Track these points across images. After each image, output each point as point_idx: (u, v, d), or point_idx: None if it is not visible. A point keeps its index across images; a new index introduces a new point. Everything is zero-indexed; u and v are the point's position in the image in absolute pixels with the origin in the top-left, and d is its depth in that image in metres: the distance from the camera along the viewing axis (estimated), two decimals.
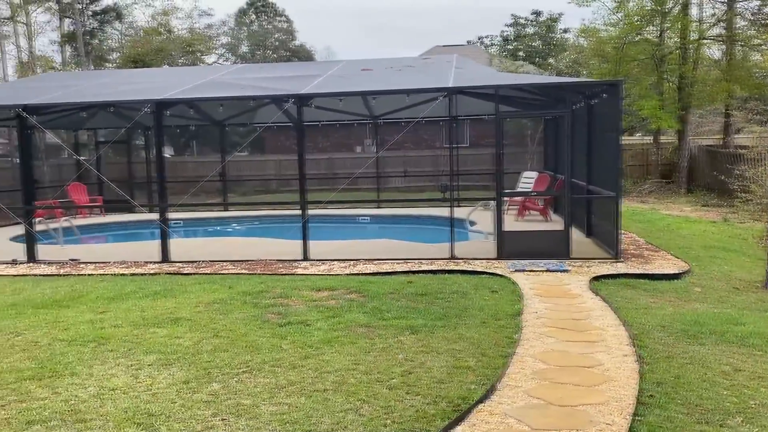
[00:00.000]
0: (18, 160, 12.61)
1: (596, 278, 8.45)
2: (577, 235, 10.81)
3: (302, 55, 41.57)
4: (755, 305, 7.24)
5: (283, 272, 9.03)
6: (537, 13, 45.11)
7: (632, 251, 10.44)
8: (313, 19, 75.24)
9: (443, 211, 11.83)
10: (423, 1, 78.20)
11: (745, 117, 25.46)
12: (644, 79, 24.37)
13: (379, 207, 17.13)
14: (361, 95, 11.92)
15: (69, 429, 3.94)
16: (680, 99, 24.09)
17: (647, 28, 25.22)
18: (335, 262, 9.78)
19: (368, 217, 16.33)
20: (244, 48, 42.48)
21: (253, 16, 45.12)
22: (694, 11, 24.43)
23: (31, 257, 10.52)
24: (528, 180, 15.78)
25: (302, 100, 10.03)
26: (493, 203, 10.48)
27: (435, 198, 11.22)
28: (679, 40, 24.43)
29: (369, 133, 24.51)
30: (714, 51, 25.95)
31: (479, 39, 49.31)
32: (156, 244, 10.45)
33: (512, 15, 45.88)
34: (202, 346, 5.47)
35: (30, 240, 10.64)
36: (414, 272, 8.92)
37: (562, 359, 5.02)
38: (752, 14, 24.22)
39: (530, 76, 20.93)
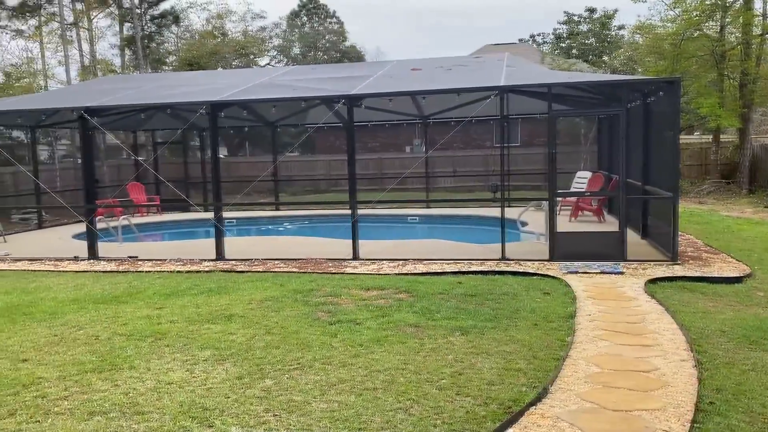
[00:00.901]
0: (80, 161, 13.11)
1: (652, 281, 8.22)
2: (632, 236, 10.55)
3: (352, 56, 41.86)
4: None
5: (333, 271, 9.11)
6: (591, 10, 44.24)
7: (690, 253, 10.13)
8: (364, 20, 75.64)
9: (494, 212, 11.74)
10: (474, 0, 77.62)
11: None
12: (703, 76, 23.61)
13: (428, 207, 17.10)
14: (410, 95, 11.92)
15: (128, 421, 4.07)
16: (742, 96, 23.20)
17: (707, 24, 24.41)
18: (384, 262, 9.81)
19: (417, 217, 16.33)
20: (295, 50, 43.05)
21: (305, 18, 45.68)
22: (757, 4, 23.54)
23: (92, 254, 10.92)
24: (581, 180, 15.49)
25: (352, 100, 10.10)
26: (545, 203, 10.34)
27: (485, 198, 11.12)
28: (741, 35, 23.54)
29: (418, 132, 24.50)
30: None
31: (531, 37, 48.66)
32: (210, 242, 10.70)
33: (565, 12, 45.12)
34: (254, 343, 5.58)
35: (91, 237, 11.05)
36: (464, 273, 8.87)
37: (616, 363, 4.91)
38: None
39: (583, 74, 20.52)
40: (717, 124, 23.01)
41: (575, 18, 45.06)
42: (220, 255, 10.41)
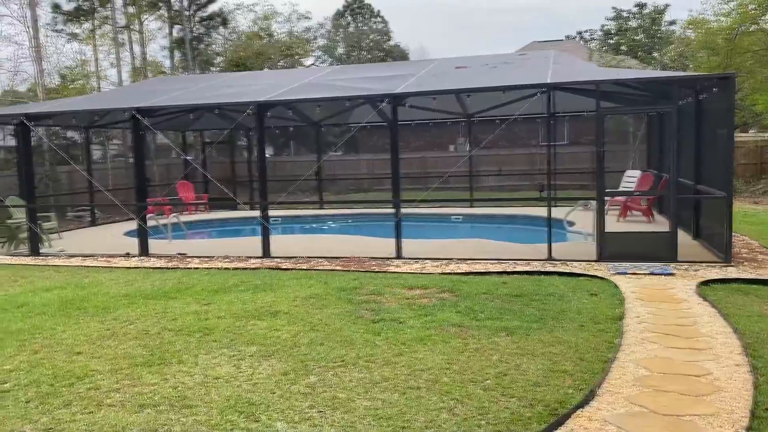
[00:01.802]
0: (131, 160, 13.48)
1: (704, 283, 7.98)
2: (683, 237, 10.26)
3: (396, 54, 41.89)
4: None
5: (376, 269, 9.13)
6: (641, 6, 43.17)
7: (744, 255, 9.79)
8: (408, 18, 75.56)
9: (539, 211, 11.58)
10: None
11: None
12: (759, 71, 22.80)
13: (472, 206, 16.95)
14: (455, 93, 11.84)
15: (177, 414, 4.16)
16: None
17: (763, 17, 23.56)
18: (428, 261, 9.78)
19: (461, 216, 16.23)
20: (340, 50, 43.33)
21: (349, 18, 45.94)
22: None
23: (143, 251, 11.21)
24: (630, 179, 15.15)
25: (396, 99, 10.11)
26: (592, 203, 10.14)
27: (531, 197, 10.97)
28: None
29: (462, 131, 24.33)
30: None
31: (578, 34, 47.79)
32: (256, 240, 10.86)
33: (614, 8, 44.15)
34: (299, 339, 5.64)
35: (142, 235, 11.35)
36: (508, 273, 8.77)
37: (667, 366, 4.78)
38: None
39: (633, 70, 20.07)
40: None
41: (624, 14, 44.05)
42: (266, 253, 10.56)
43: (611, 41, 44.51)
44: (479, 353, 5.10)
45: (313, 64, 40.38)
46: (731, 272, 8.56)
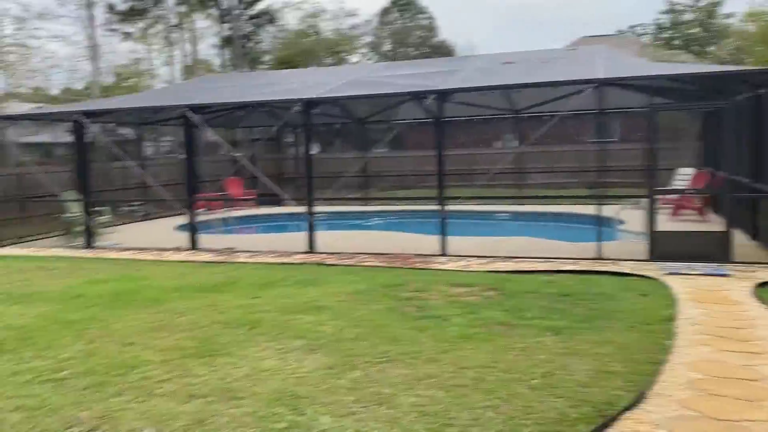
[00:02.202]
0: (182, 156, 13.80)
1: (761, 284, 7.70)
2: (740, 237, 9.91)
3: (443, 51, 41.72)
4: None
5: (421, 266, 9.12)
6: None
7: None
8: (455, 14, 75.07)
9: (588, 209, 11.37)
10: None
11: None
12: None
13: (519, 203, 16.73)
14: (502, 89, 11.71)
15: (225, 405, 4.25)
16: None
17: None
18: (472, 259, 9.72)
19: (507, 214, 16.07)
20: (386, 46, 43.39)
21: (396, 14, 45.96)
22: None
23: (193, 245, 11.47)
24: (684, 177, 14.74)
25: (443, 96, 10.07)
26: (644, 201, 9.90)
27: (580, 195, 10.79)
28: None
29: (510, 127, 24.07)
30: None
31: (630, 28, 46.69)
32: (302, 235, 10.98)
33: (669, 0, 42.96)
34: (344, 334, 5.68)
35: (192, 229, 11.62)
36: (555, 272, 8.64)
37: (720, 370, 4.63)
38: None
39: (686, 65, 19.46)
40: None
41: (679, 7, 42.84)
42: (311, 248, 10.67)
43: (664, 36, 43.35)
44: (525, 352, 5.04)
45: (359, 62, 40.57)
46: None
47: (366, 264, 9.42)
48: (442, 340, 5.40)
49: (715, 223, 11.76)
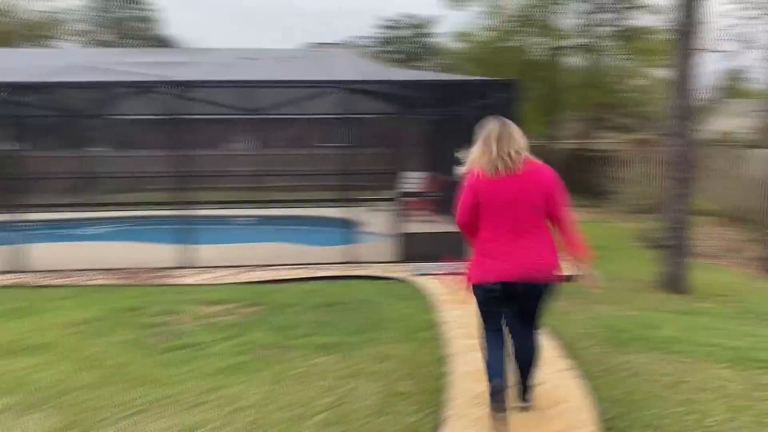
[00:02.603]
0: None
1: None
2: None
3: (172, 45, 39.16)
4: (657, 306, 7.31)
5: (165, 282, 8.00)
6: (412, 17, 45.64)
7: None
8: (184, 10, 71.46)
9: (335, 212, 11.24)
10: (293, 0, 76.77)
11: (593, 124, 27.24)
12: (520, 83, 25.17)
13: (267, 207, 16.03)
14: (252, 86, 10.88)
15: None
16: (550, 104, 25.15)
17: (519, 36, 26.15)
18: (223, 270, 8.87)
19: (254, 219, 15.35)
20: (104, 36, 39.29)
21: (115, 1, 41.89)
22: (561, 20, 25.57)
23: None
24: (414, 180, 15.57)
25: (184, 88, 9.01)
26: (390, 204, 10.06)
27: (330, 198, 10.60)
28: (548, 47, 25.53)
29: (251, 128, 23.34)
30: (579, 59, 27.40)
31: (356, 39, 49.18)
32: (7, 250, 8.95)
33: (387, 19, 46.02)
34: (74, 382, 4.46)
35: None
36: (313, 279, 8.25)
37: None
38: (610, 25, 25.72)
39: (431, 73, 20.79)
40: (530, 130, 24.68)
41: (395, 24, 46.17)
42: (18, 265, 8.73)
43: (387, 49, 46.49)
44: (304, 380, 4.45)
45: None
46: None
47: (95, 283, 7.95)
48: (204, 376, 4.54)
49: (449, 224, 12.55)
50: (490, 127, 3.75)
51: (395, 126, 9.29)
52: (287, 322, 5.84)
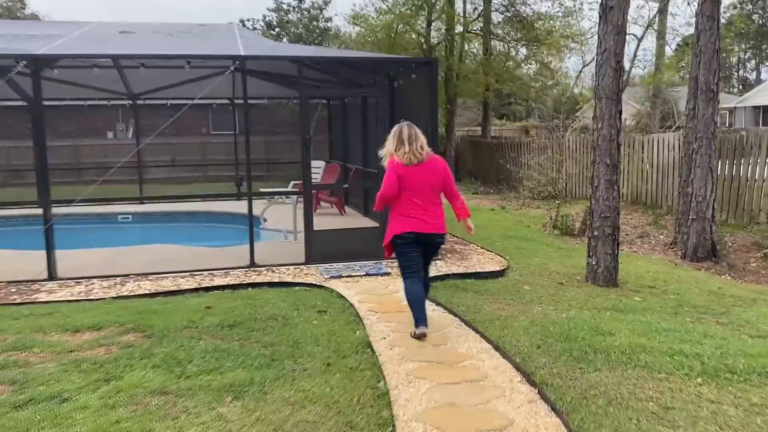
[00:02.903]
0: None
1: None
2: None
3: (18, 17, 35.25)
4: (595, 304, 6.71)
5: (18, 301, 6.46)
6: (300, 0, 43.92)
7: (444, 246, 9.67)
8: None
9: (228, 207, 9.99)
10: None
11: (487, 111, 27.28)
12: None
13: (146, 202, 14.30)
14: (128, 59, 9.21)
15: None
16: (447, 90, 24.71)
17: (416, 19, 25.51)
18: (95, 281, 7.42)
19: (130, 216, 13.62)
20: None
21: None
22: (458, 5, 25.19)
23: None
24: (315, 170, 14.46)
25: (40, 64, 7.38)
26: (293, 197, 8.93)
27: (227, 194, 9.30)
28: (445, 32, 25.07)
29: (126, 115, 21.24)
30: (476, 45, 27.19)
31: (241, 21, 46.75)
32: None
33: (275, 0, 44.06)
34: None
35: None
36: (207, 289, 7.00)
37: (458, 419, 3.63)
38: (504, 10, 25.64)
39: (339, 50, 19.51)
40: None
41: (284, 6, 44.31)
42: None
43: (273, 33, 44.51)
44: None
45: None
46: (442, 266, 8.20)
47: None
48: None
49: (356, 217, 11.59)
50: (402, 129, 5.23)
51: (307, 108, 8.14)
52: (178, 353, 4.60)
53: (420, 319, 5.08)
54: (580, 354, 4.68)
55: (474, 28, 25.81)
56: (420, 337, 5.04)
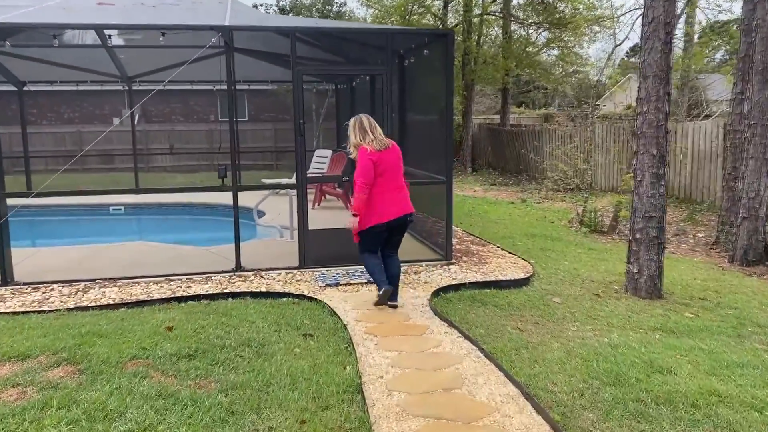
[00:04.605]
0: None
1: (436, 292, 6.27)
2: None
3: None
4: (640, 321, 5.57)
5: None
6: None
7: (457, 246, 8.55)
8: None
9: (225, 198, 8.95)
10: None
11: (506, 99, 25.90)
12: None
13: (143, 194, 13.19)
14: (87, 29, 8.10)
15: None
16: (464, 76, 23.44)
17: (433, 0, 24.26)
18: (56, 287, 6.41)
19: (122, 208, 12.61)
20: None
21: None
22: None
23: None
24: (321, 160, 13.36)
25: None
26: (290, 191, 7.86)
27: (211, 187, 8.24)
28: (463, 14, 23.76)
29: (135, 100, 20.29)
30: (495, 29, 25.85)
31: (254, 6, 45.65)
32: None
33: None
34: None
35: None
36: (181, 299, 5.94)
37: None
38: None
39: (337, 21, 18.31)
40: None
41: None
42: None
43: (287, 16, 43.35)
44: None
45: None
46: (456, 273, 7.09)
47: None
48: None
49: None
50: (362, 119, 5.56)
51: (301, 87, 7.04)
52: (109, 401, 3.50)
53: (383, 281, 5.59)
54: (637, 407, 3.55)
55: (493, 10, 24.45)
56: (383, 301, 5.64)
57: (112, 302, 5.85)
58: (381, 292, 5.54)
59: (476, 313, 5.68)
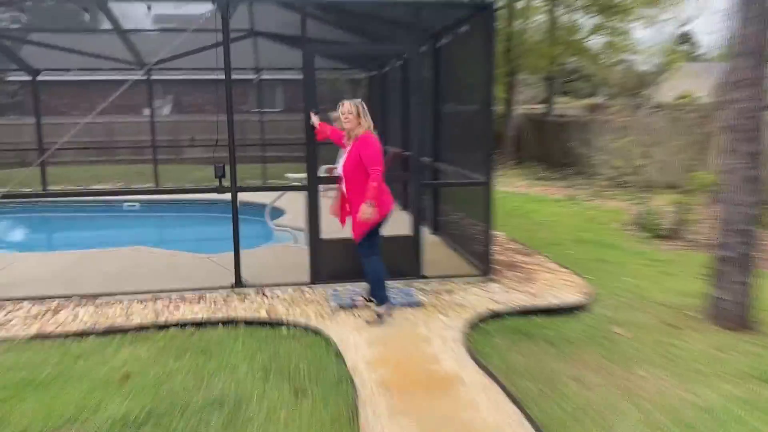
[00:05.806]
0: None
1: (475, 324, 5.10)
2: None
3: None
4: (725, 363, 4.32)
5: None
6: None
7: (497, 255, 7.31)
8: None
9: (252, 196, 7.94)
10: None
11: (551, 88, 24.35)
12: None
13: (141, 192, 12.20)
14: None
15: None
16: (508, 63, 22.02)
17: None
18: (24, 305, 5.47)
19: (137, 204, 11.73)
20: None
21: None
22: None
23: None
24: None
25: None
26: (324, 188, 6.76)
27: (205, 188, 7.22)
28: None
29: (166, 91, 19.50)
30: (540, 14, 24.26)
31: None
32: None
33: None
34: None
35: None
36: (161, 327, 4.91)
37: None
38: None
39: None
40: None
41: None
42: None
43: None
44: None
45: None
46: (497, 293, 5.89)
47: None
48: None
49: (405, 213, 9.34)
50: (357, 104, 5.15)
51: (312, 63, 5.94)
52: None
53: (391, 297, 5.33)
54: None
55: None
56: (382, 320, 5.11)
57: (81, 328, 4.86)
58: (385, 309, 5.14)
59: (522, 353, 4.50)
